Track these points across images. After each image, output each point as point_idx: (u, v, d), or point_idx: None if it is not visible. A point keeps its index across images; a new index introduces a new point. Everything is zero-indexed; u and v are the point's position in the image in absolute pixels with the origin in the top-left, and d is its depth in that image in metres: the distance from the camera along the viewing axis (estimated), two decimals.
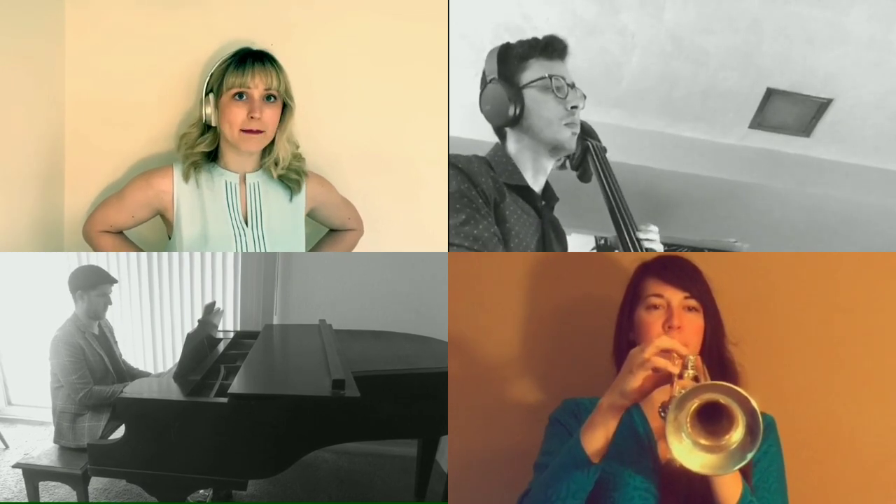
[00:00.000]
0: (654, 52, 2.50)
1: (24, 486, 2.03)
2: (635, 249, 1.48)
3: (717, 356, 1.18)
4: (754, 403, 0.94)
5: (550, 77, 1.44)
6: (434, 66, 1.79)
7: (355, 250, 1.82)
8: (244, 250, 1.61)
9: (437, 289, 1.63)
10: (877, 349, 1.35)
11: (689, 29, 2.39)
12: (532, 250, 1.45)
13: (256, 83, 1.54)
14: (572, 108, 1.45)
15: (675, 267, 1.21)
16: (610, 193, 1.53)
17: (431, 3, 1.78)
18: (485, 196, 1.38)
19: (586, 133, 1.59)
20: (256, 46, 1.62)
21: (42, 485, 2.06)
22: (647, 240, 1.51)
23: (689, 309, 1.16)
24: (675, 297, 1.16)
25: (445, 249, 1.37)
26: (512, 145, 1.53)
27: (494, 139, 1.58)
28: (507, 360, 1.43)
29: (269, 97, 1.56)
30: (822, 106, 2.72)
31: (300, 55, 1.67)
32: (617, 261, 1.40)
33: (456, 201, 1.36)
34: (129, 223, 1.64)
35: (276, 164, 1.63)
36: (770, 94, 2.66)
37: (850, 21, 2.31)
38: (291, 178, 1.66)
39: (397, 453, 2.88)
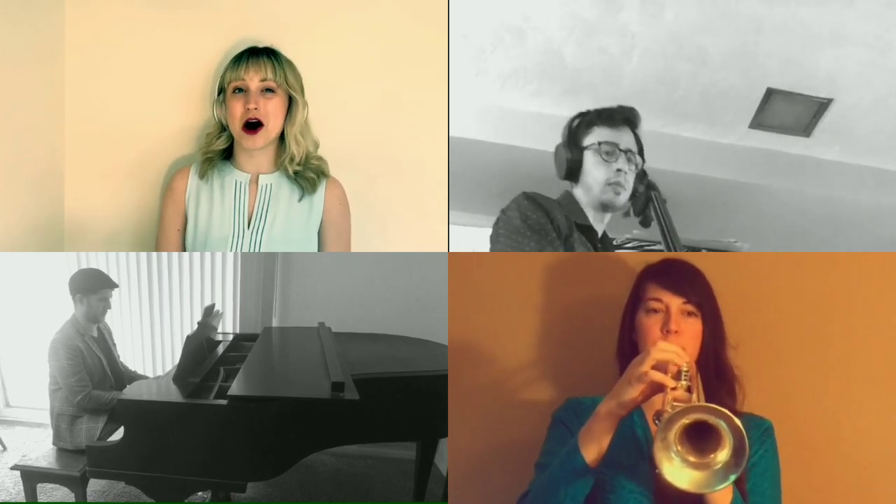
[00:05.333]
0: (654, 53, 2.49)
1: (22, 488, 2.03)
2: None
3: (714, 361, 1.19)
4: (740, 424, 0.96)
5: (600, 143, 1.65)
6: (434, 66, 1.79)
7: (355, 249, 1.82)
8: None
9: (437, 289, 1.63)
10: (876, 349, 1.35)
11: (689, 29, 2.39)
12: None
13: (251, 76, 1.57)
14: (617, 171, 1.63)
15: (675, 272, 1.22)
16: (668, 239, 1.69)
17: (432, 3, 1.78)
18: (558, 230, 1.56)
19: (650, 186, 1.78)
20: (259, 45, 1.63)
21: (40, 487, 2.05)
22: None
23: (688, 314, 1.18)
24: (674, 301, 1.18)
25: (445, 249, 1.36)
26: (578, 195, 1.72)
27: (494, 140, 1.60)
28: (507, 360, 1.43)
29: (267, 90, 1.58)
30: (822, 106, 2.71)
31: (300, 56, 1.67)
32: (620, 261, 1.40)
33: (534, 231, 1.52)
34: (181, 237, 1.64)
35: (292, 160, 1.62)
36: (770, 94, 2.65)
37: (850, 21, 2.31)
38: (308, 176, 1.63)
39: (396, 456, 2.88)
